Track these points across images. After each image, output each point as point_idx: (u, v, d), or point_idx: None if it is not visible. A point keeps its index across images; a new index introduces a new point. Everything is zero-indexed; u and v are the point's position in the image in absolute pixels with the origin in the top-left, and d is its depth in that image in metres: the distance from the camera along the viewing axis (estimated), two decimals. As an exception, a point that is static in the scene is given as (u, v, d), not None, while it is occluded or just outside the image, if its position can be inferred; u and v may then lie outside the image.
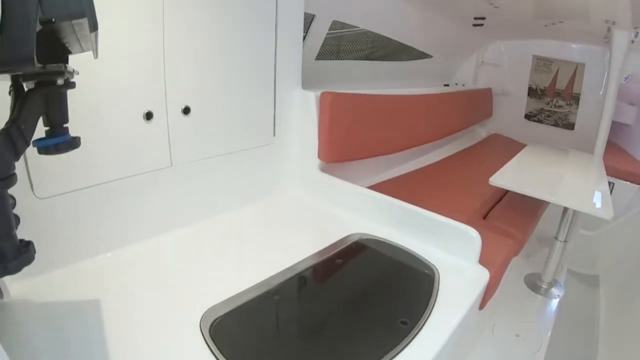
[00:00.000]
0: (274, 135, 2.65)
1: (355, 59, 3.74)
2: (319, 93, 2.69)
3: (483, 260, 2.22)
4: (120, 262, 1.87)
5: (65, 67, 0.89)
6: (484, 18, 4.53)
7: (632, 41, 4.64)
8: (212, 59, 2.20)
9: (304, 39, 3.06)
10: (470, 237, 2.18)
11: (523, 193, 3.09)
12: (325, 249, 2.12)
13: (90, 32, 0.79)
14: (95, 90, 1.70)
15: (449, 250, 2.23)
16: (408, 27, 4.04)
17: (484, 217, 3.23)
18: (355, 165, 3.09)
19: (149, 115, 1.95)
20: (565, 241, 3.37)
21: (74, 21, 0.72)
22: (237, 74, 2.35)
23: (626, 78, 5.92)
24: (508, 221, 3.14)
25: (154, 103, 1.97)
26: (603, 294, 4.72)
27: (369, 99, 3.10)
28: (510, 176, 3.26)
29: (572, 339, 3.97)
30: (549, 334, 3.14)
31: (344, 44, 3.56)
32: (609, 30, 4.68)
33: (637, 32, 4.49)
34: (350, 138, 2.91)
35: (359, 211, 2.51)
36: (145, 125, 1.96)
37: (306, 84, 2.90)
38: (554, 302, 3.49)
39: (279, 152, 2.71)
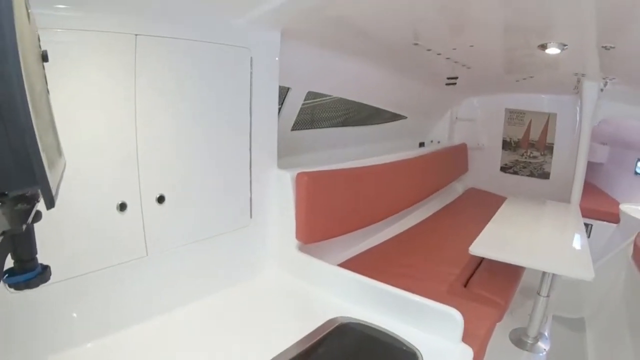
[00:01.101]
0: (251, 217, 2.64)
1: (331, 127, 3.80)
2: (294, 174, 2.69)
3: (467, 335, 2.21)
4: (101, 352, 1.84)
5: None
6: (456, 77, 4.63)
7: (602, 90, 4.83)
8: (186, 145, 2.21)
9: (279, 111, 3.10)
10: (452, 318, 2.17)
11: (502, 261, 3.14)
12: (309, 335, 2.08)
13: (47, 208, 0.80)
14: (68, 184, 1.70)
15: (432, 331, 2.21)
16: (381, 91, 4.12)
17: (465, 285, 3.23)
18: (335, 239, 3.07)
19: (122, 207, 1.94)
20: (548, 296, 3.40)
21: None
22: (212, 159, 2.36)
23: (599, 122, 6.12)
24: (489, 288, 3.15)
25: (127, 194, 1.97)
26: (590, 337, 4.75)
27: (345, 173, 3.11)
28: (489, 243, 3.27)
29: None
30: None
31: (319, 113, 3.61)
32: (578, 81, 4.85)
33: (606, 82, 4.66)
34: (328, 216, 2.91)
35: (340, 293, 2.48)
36: (119, 217, 1.95)
37: (283, 155, 2.91)
38: (542, 357, 3.50)
39: (257, 234, 2.69)
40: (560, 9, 2.44)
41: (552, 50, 3.22)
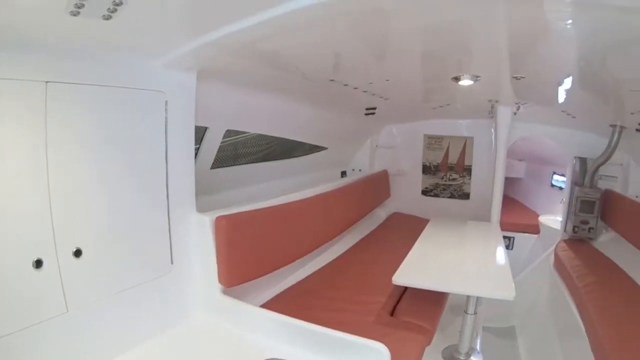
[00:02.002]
0: (172, 263, 2.59)
1: (252, 162, 3.82)
2: (213, 217, 2.67)
3: None
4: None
5: None
6: (375, 108, 4.78)
7: (515, 113, 5.10)
8: (101, 195, 2.18)
9: (197, 151, 3.11)
10: (378, 353, 2.21)
11: (426, 288, 3.24)
12: None
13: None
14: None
15: None
16: (301, 125, 4.19)
17: (392, 313, 3.30)
18: (260, 278, 3.07)
19: (38, 263, 1.89)
20: (475, 313, 3.51)
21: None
22: (129, 207, 2.32)
23: (513, 142, 6.45)
24: (416, 314, 3.24)
25: (42, 249, 1.91)
26: (522, 344, 4.99)
27: (266, 212, 3.11)
28: (411, 271, 3.37)
29: None
30: None
31: (239, 149, 3.64)
32: (492, 107, 5.11)
33: (519, 106, 4.93)
34: (251, 257, 2.90)
35: (268, 333, 2.48)
36: (36, 274, 1.89)
37: (203, 193, 2.91)
38: None
39: (179, 281, 2.65)
40: (472, 45, 2.59)
41: (466, 82, 3.39)
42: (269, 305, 3.03)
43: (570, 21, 1.95)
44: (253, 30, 1.89)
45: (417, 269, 3.48)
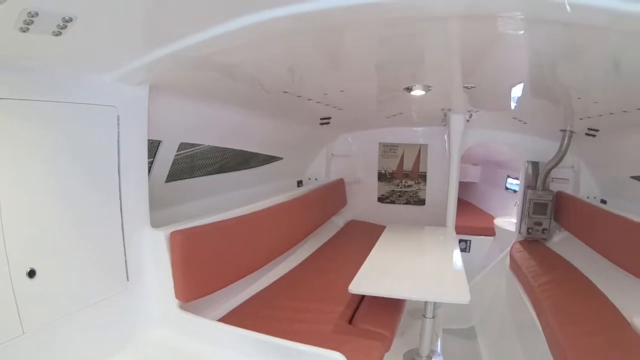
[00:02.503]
0: (128, 280, 2.57)
1: (207, 174, 3.81)
2: (168, 232, 2.66)
3: None
4: None
5: None
6: (329, 118, 4.85)
7: (467, 120, 5.25)
8: (53, 213, 2.16)
9: (151, 164, 3.09)
10: None
11: (382, 296, 3.31)
12: None
13: None
14: None
15: None
16: (256, 136, 4.20)
17: (350, 321, 3.33)
18: (218, 291, 3.06)
19: (-10, 286, 1.86)
20: (433, 317, 3.59)
21: None
22: (82, 224, 2.30)
23: (467, 148, 6.62)
24: (374, 321, 3.28)
25: (-6, 271, 1.88)
26: (482, 343, 5.11)
27: (222, 225, 3.11)
28: (368, 279, 3.42)
29: None
30: None
31: (194, 162, 3.62)
32: (445, 115, 5.24)
33: (471, 114, 5.08)
34: (207, 272, 2.90)
35: (226, 348, 2.49)
36: (-12, 295, 1.86)
37: (158, 208, 2.90)
38: None
39: (136, 297, 2.62)
40: (424, 57, 2.66)
41: (418, 92, 3.49)
42: (227, 318, 3.02)
43: (521, 33, 2.05)
44: (203, 45, 1.91)
45: (373, 277, 3.53)
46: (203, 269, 2.85)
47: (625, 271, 3.71)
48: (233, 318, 2.98)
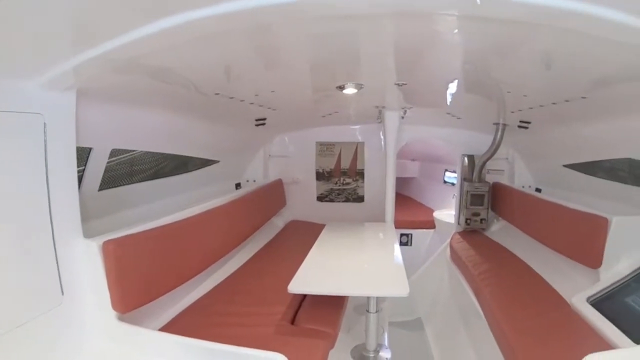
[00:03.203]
0: (63, 294, 2.47)
1: (142, 181, 3.74)
2: (101, 242, 2.57)
3: None
4: None
5: None
6: (265, 119, 4.85)
7: (402, 117, 5.37)
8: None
9: (83, 172, 3.01)
10: None
11: (321, 294, 3.37)
12: None
13: None
14: None
15: None
16: (190, 140, 4.17)
17: (293, 321, 3.35)
18: (157, 300, 3.01)
19: None
20: (377, 311, 3.66)
21: None
22: (10, 238, 2.20)
23: (404, 144, 6.78)
24: (317, 319, 3.32)
25: None
26: (429, 333, 5.28)
27: (157, 232, 3.05)
28: (307, 278, 3.46)
29: None
30: None
31: (127, 169, 3.55)
32: (380, 112, 5.34)
33: (405, 110, 5.19)
34: (144, 281, 2.84)
35: (167, 358, 2.45)
36: None
37: (92, 217, 2.86)
38: None
39: (72, 311, 2.52)
40: (355, 56, 2.69)
41: (350, 91, 3.54)
42: (168, 327, 2.99)
43: (447, 30, 2.12)
44: (128, 48, 1.88)
45: (313, 276, 3.57)
46: (139, 277, 2.79)
47: (561, 255, 3.90)
48: (174, 327, 2.95)
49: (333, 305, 3.56)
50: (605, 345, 2.75)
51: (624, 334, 2.79)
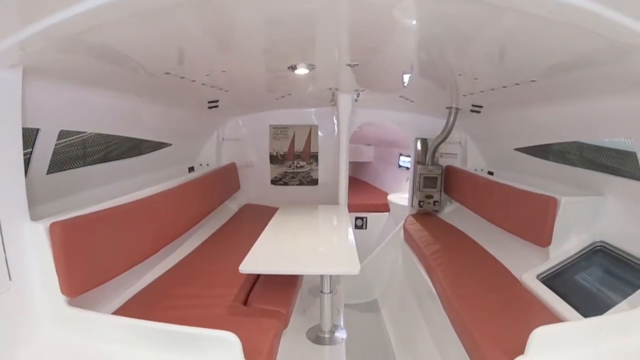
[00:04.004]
0: (10, 279, 2.41)
1: (93, 164, 3.68)
2: (48, 224, 2.51)
3: (251, 352, 2.36)
4: None
5: None
6: (217, 101, 4.83)
7: (356, 100, 5.43)
8: None
9: (30, 155, 2.95)
10: (228, 342, 2.30)
11: (273, 273, 3.46)
12: None
13: None
14: None
15: (213, 357, 2.31)
16: (141, 122, 4.12)
17: (245, 303, 3.39)
18: (109, 283, 2.97)
19: None
20: (331, 292, 3.75)
21: None
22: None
23: (359, 127, 6.88)
24: (269, 300, 3.37)
25: None
26: (385, 314, 5.41)
27: (107, 213, 3.01)
28: (259, 258, 3.50)
29: None
30: None
31: (77, 151, 3.48)
32: (333, 94, 5.38)
33: (359, 93, 5.26)
34: (94, 263, 2.79)
35: (118, 341, 2.44)
36: None
37: (41, 202, 2.80)
38: (341, 346, 3.82)
39: (21, 297, 2.47)
40: (306, 36, 2.70)
41: (301, 71, 3.56)
42: (121, 310, 2.97)
43: (407, 13, 2.15)
44: (75, 21, 1.83)
45: (264, 256, 3.61)
46: (89, 260, 2.74)
47: (512, 234, 4.05)
48: (126, 310, 2.93)
49: (286, 285, 3.62)
50: (555, 319, 2.88)
51: (573, 309, 2.93)
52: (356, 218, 7.36)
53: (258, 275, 3.83)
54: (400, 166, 8.49)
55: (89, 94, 3.18)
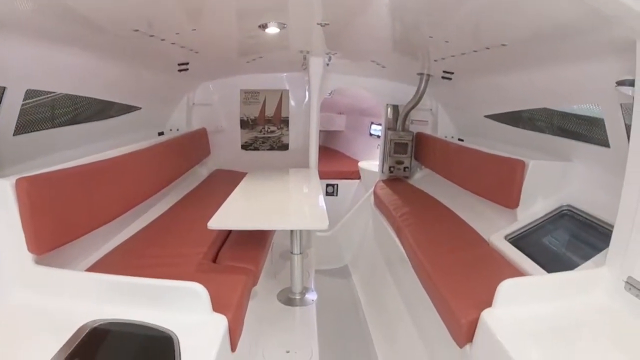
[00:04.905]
0: None
1: (61, 126, 3.65)
2: (13, 180, 2.47)
3: (219, 306, 2.42)
4: None
5: None
6: (187, 63, 4.81)
7: (327, 64, 5.46)
8: None
9: (-5, 114, 2.93)
10: (195, 293, 2.35)
11: (240, 229, 3.54)
12: (61, 349, 1.99)
13: None
14: None
15: (182, 309, 2.36)
16: (111, 83, 4.08)
17: (214, 261, 3.44)
18: (77, 243, 2.96)
19: None
20: (300, 253, 3.87)
21: None
22: None
23: (330, 93, 6.91)
24: (238, 257, 3.43)
25: None
26: (356, 279, 5.55)
27: (76, 171, 2.99)
28: (228, 215, 3.56)
29: (343, 328, 4.55)
30: (316, 336, 3.55)
31: (45, 112, 3.46)
32: (304, 58, 5.41)
33: (330, 57, 5.28)
34: (61, 220, 2.76)
35: (88, 297, 2.44)
36: None
37: (8, 166, 2.82)
38: (312, 307, 3.95)
39: None
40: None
41: (272, 30, 3.57)
42: (90, 270, 2.97)
43: None
44: None
45: (234, 212, 3.69)
46: (56, 217, 2.72)
47: (481, 197, 4.17)
48: (95, 270, 2.92)
49: (255, 244, 3.68)
50: (522, 275, 2.98)
51: (540, 267, 3.05)
52: (327, 185, 7.46)
53: (228, 235, 3.89)
54: (371, 134, 8.59)
55: (57, 52, 3.14)
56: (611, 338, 2.26)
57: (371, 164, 7.29)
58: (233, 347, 2.51)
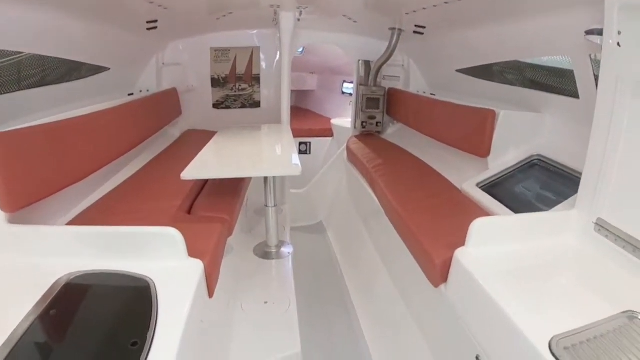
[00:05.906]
0: None
1: (28, 88, 3.58)
2: None
3: (195, 251, 2.47)
4: None
5: None
6: (156, 21, 4.76)
7: (298, 19, 5.47)
8: None
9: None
10: (171, 238, 2.40)
11: (214, 177, 3.65)
12: (36, 304, 2.01)
13: None
14: None
15: (157, 256, 2.40)
16: (76, 43, 4.00)
17: (189, 212, 3.51)
18: (51, 202, 2.97)
19: None
20: (275, 205, 3.97)
21: None
22: None
23: (301, 52, 6.89)
24: (213, 208, 3.52)
25: None
26: (331, 234, 5.69)
27: (46, 128, 3.00)
28: (201, 166, 3.62)
29: (319, 279, 4.66)
30: (293, 287, 3.66)
31: (8, 74, 3.38)
32: (275, 13, 5.40)
33: (301, 12, 5.29)
34: (32, 177, 2.74)
35: (63, 251, 2.44)
36: None
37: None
38: (288, 260, 4.07)
39: None
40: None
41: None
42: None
43: None
44: None
45: (207, 163, 3.77)
46: (27, 175, 2.70)
47: (453, 147, 4.28)
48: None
49: (229, 195, 3.77)
50: None
51: (512, 212, 3.18)
52: (300, 143, 7.53)
53: (202, 188, 3.96)
54: (343, 93, 8.63)
55: (18, 7, 3.07)
56: (582, 276, 2.37)
57: (344, 120, 7.36)
58: (210, 293, 2.56)
